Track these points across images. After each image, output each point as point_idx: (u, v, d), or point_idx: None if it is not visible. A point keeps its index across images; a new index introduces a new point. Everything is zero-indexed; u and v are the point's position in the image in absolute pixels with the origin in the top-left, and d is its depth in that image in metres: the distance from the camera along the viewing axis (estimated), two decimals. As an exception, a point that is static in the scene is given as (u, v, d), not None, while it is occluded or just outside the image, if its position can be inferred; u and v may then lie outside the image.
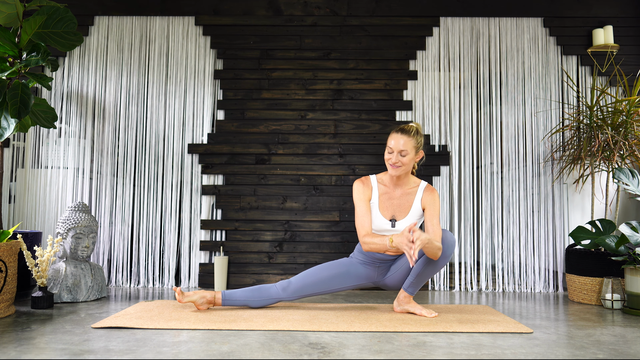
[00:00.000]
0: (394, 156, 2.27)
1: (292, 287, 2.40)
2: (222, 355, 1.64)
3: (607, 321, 2.26)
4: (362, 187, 2.37)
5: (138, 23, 3.37)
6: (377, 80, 3.34)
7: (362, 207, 2.34)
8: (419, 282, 2.32)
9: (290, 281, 2.42)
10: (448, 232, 2.28)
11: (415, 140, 2.28)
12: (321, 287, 2.41)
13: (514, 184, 3.27)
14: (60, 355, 1.60)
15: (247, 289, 2.42)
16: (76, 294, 2.62)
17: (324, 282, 2.41)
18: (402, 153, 2.26)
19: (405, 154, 2.26)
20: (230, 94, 3.34)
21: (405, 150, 2.25)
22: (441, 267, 2.27)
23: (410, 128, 2.30)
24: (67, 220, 2.71)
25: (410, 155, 2.28)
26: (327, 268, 2.43)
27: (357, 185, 2.39)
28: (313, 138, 3.31)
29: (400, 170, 2.29)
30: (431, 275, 2.31)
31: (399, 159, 2.26)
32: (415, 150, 2.29)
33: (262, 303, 2.41)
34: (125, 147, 3.29)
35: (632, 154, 2.85)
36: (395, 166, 2.28)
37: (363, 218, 2.33)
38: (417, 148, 2.31)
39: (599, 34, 3.26)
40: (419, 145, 2.32)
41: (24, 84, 2.36)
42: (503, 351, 1.71)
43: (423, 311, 2.30)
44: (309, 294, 2.42)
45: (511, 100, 3.32)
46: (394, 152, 2.27)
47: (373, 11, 3.39)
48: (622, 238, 2.48)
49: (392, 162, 2.27)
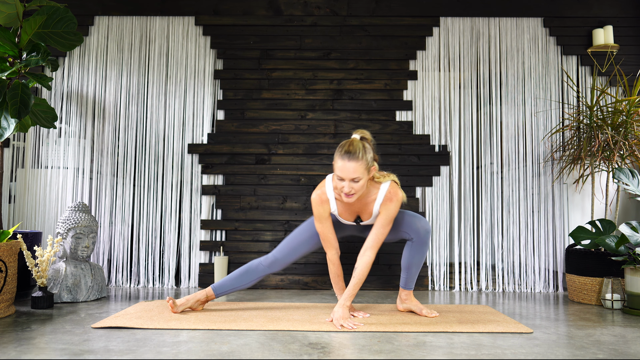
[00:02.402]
0: (347, 185, 2.08)
1: (279, 259, 2.39)
2: (222, 355, 1.64)
3: (607, 321, 2.26)
4: (320, 205, 2.24)
5: (138, 23, 3.37)
6: (377, 80, 3.34)
7: (324, 226, 2.28)
8: (410, 275, 2.37)
9: (275, 255, 2.40)
10: (423, 220, 2.31)
11: (365, 162, 2.08)
12: (306, 247, 2.41)
13: (514, 184, 3.27)
14: (60, 355, 1.60)
15: (234, 275, 2.40)
16: (76, 294, 2.62)
17: (307, 242, 2.40)
18: (355, 180, 2.07)
19: (358, 180, 2.08)
20: (230, 94, 3.34)
21: (357, 177, 2.07)
22: (425, 254, 2.33)
23: (356, 148, 2.07)
24: (67, 220, 2.71)
25: (364, 179, 2.09)
26: (306, 229, 2.42)
27: (316, 204, 2.25)
28: (313, 138, 3.31)
29: (354, 198, 2.13)
30: (420, 264, 2.35)
31: (352, 187, 2.08)
32: (367, 171, 2.11)
33: (253, 283, 2.43)
34: (125, 147, 3.29)
35: (632, 154, 2.85)
36: (349, 195, 2.11)
37: (328, 236, 2.29)
38: (368, 167, 2.11)
39: (599, 34, 3.26)
40: (369, 164, 2.12)
41: (24, 84, 2.36)
42: (503, 351, 1.71)
43: (424, 310, 2.31)
44: (297, 258, 2.43)
45: (511, 100, 3.32)
46: (345, 180, 2.08)
47: (373, 11, 3.39)
48: (622, 238, 2.48)
49: (345, 192, 2.09)
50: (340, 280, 2.37)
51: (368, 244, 2.21)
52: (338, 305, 2.16)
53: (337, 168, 2.09)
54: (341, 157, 2.08)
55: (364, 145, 2.12)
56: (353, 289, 2.18)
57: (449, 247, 3.27)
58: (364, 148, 2.10)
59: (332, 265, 2.34)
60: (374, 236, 2.21)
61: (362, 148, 2.09)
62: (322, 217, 2.27)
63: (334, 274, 2.36)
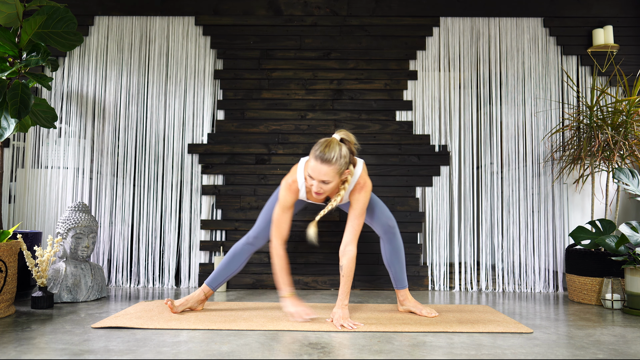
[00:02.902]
0: (316, 185, 2.07)
1: (260, 234, 2.37)
2: (222, 355, 1.64)
3: (607, 321, 2.26)
4: (289, 194, 2.20)
5: (138, 23, 3.37)
6: (377, 80, 3.34)
7: (283, 215, 2.21)
8: (395, 273, 2.37)
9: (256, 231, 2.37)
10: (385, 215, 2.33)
11: (338, 166, 2.04)
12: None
13: (514, 184, 3.27)
14: (60, 355, 1.60)
15: (223, 264, 2.39)
16: (76, 294, 2.62)
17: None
18: (325, 182, 2.06)
19: (328, 182, 2.06)
20: (230, 94, 3.34)
21: (327, 180, 2.05)
22: (398, 248, 2.34)
23: (331, 152, 2.03)
24: (67, 220, 2.70)
25: (334, 182, 2.07)
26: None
27: (285, 192, 2.21)
28: (313, 138, 3.31)
29: (323, 197, 2.13)
30: (399, 259, 2.36)
31: (321, 187, 2.07)
32: (339, 175, 2.07)
33: (243, 265, 2.43)
34: (125, 147, 3.29)
35: (632, 154, 2.85)
36: (318, 194, 2.10)
37: (282, 225, 2.22)
38: (340, 171, 2.07)
39: (599, 34, 3.26)
40: (343, 168, 2.08)
41: (24, 84, 2.36)
42: (503, 351, 1.71)
43: (423, 311, 2.31)
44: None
45: (511, 100, 3.32)
46: (315, 180, 2.06)
47: (373, 11, 3.39)
48: (622, 238, 2.48)
49: (314, 190, 2.08)
50: (285, 275, 2.21)
51: (347, 240, 2.17)
52: (337, 306, 2.16)
53: (310, 166, 2.06)
54: (315, 157, 2.04)
55: (341, 148, 2.06)
56: (346, 286, 2.17)
57: (449, 247, 3.27)
58: (340, 152, 2.05)
59: (277, 258, 2.20)
60: (351, 229, 2.18)
61: (338, 151, 2.04)
62: (287, 206, 2.21)
63: (279, 268, 2.20)
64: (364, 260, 3.21)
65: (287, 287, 2.22)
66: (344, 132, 2.14)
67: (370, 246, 3.22)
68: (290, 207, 2.23)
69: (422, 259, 3.26)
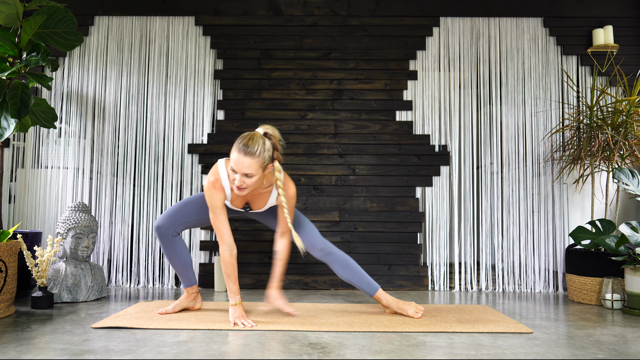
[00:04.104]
0: (238, 179, 2.02)
1: (163, 225, 2.28)
2: (222, 355, 1.64)
3: (607, 321, 2.26)
4: (215, 192, 2.14)
5: (138, 23, 3.37)
6: (377, 80, 3.34)
7: (218, 217, 2.15)
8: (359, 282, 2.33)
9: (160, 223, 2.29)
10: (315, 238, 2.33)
11: (261, 159, 2.01)
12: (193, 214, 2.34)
13: (514, 184, 3.27)
14: (60, 355, 1.60)
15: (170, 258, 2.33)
16: (76, 294, 2.62)
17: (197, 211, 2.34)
18: (248, 175, 2.01)
19: (251, 176, 2.01)
20: (230, 94, 3.34)
21: (250, 173, 2.00)
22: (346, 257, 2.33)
23: (254, 144, 2.00)
24: (67, 220, 2.70)
25: (257, 176, 2.03)
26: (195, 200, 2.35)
27: (210, 192, 2.14)
28: (313, 138, 3.31)
29: (246, 192, 2.07)
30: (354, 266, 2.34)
31: (243, 181, 2.02)
32: (262, 168, 2.04)
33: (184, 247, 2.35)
34: (125, 147, 3.29)
35: (632, 154, 2.85)
36: (240, 189, 2.05)
37: (221, 228, 2.15)
38: (264, 165, 2.04)
39: (599, 34, 3.26)
40: (266, 161, 2.04)
41: (24, 84, 2.36)
42: (503, 351, 1.71)
43: (409, 312, 2.27)
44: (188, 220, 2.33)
45: (511, 100, 3.32)
46: (238, 174, 2.01)
47: (373, 11, 3.39)
48: (622, 238, 2.48)
49: (237, 185, 2.03)
50: (232, 282, 2.14)
51: (282, 229, 2.24)
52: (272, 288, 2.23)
53: (232, 160, 2.02)
54: (238, 150, 2.01)
55: (265, 141, 2.04)
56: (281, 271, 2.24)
57: (449, 247, 3.27)
58: (263, 145, 2.02)
59: (223, 265, 2.14)
60: (284, 223, 2.22)
61: (261, 144, 2.02)
62: (217, 207, 2.14)
63: (226, 275, 2.15)
64: (364, 260, 3.21)
65: (234, 294, 2.15)
66: (268, 127, 2.11)
67: (370, 246, 3.22)
68: (222, 207, 2.15)
69: (422, 259, 3.26)
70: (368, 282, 2.34)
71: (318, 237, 2.33)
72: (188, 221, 2.34)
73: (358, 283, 2.33)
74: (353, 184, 3.28)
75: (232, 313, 2.12)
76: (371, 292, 2.33)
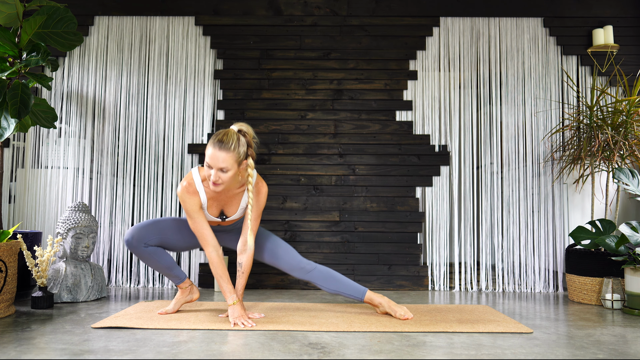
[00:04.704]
0: (214, 174, 2.02)
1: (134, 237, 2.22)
2: (222, 355, 1.64)
3: (607, 321, 2.26)
4: (189, 196, 2.13)
5: (138, 23, 3.37)
6: (377, 80, 3.34)
7: (196, 221, 2.14)
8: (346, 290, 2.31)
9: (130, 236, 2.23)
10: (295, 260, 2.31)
11: (236, 154, 2.02)
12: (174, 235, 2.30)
13: (514, 184, 3.27)
14: (60, 355, 1.60)
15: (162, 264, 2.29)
16: (76, 294, 2.62)
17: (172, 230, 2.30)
18: (223, 170, 2.02)
19: (226, 170, 2.02)
20: (230, 94, 3.34)
21: (225, 167, 2.01)
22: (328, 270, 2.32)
23: (229, 139, 2.02)
24: (67, 220, 2.70)
25: (232, 171, 2.03)
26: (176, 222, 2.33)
27: (185, 197, 2.14)
28: (313, 138, 3.31)
29: (221, 187, 2.06)
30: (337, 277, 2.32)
31: (219, 176, 2.03)
32: (237, 164, 2.05)
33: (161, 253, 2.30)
34: (125, 147, 3.29)
35: (632, 154, 2.85)
36: (216, 184, 2.05)
37: (202, 231, 2.15)
38: (239, 161, 2.05)
39: (599, 34, 3.26)
40: (241, 157, 2.06)
41: (24, 84, 2.36)
42: (503, 351, 1.71)
43: (398, 313, 2.24)
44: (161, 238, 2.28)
45: (511, 100, 3.32)
46: (214, 169, 2.02)
47: (373, 11, 3.39)
48: (622, 238, 2.48)
49: (213, 180, 2.03)
50: (224, 282, 2.15)
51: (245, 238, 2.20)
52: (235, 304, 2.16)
53: (208, 155, 2.03)
54: (213, 145, 2.02)
55: (239, 137, 2.06)
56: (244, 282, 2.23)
57: (449, 247, 3.27)
58: (238, 140, 2.05)
59: (212, 266, 2.15)
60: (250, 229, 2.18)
61: (236, 140, 2.04)
62: (194, 211, 2.14)
63: (217, 275, 2.15)
64: (364, 260, 3.21)
65: (230, 294, 2.14)
66: (243, 124, 2.13)
67: (370, 246, 3.22)
68: (198, 211, 2.15)
69: (422, 259, 3.26)
70: (354, 288, 2.32)
71: (296, 257, 2.31)
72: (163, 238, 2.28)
73: (345, 291, 2.31)
74: (353, 184, 3.28)
75: (232, 313, 2.11)
76: (360, 296, 2.31)
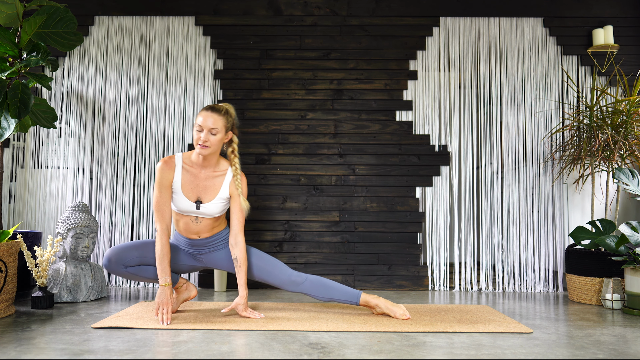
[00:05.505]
0: (204, 134, 2.15)
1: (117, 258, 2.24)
2: (222, 355, 1.64)
3: (607, 321, 2.26)
4: (164, 169, 2.20)
5: (138, 23, 3.37)
6: (377, 80, 3.34)
7: (162, 196, 2.18)
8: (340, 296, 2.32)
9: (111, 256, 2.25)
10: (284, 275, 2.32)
11: (225, 119, 2.20)
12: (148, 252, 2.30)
13: (514, 184, 3.27)
14: (60, 355, 1.60)
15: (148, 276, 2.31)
16: (76, 294, 2.62)
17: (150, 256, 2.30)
18: (213, 131, 2.16)
19: (215, 132, 2.16)
20: (230, 94, 3.34)
21: (215, 128, 2.16)
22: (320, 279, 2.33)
23: (220, 107, 2.21)
24: (67, 220, 2.70)
25: (220, 135, 2.18)
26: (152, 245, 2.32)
27: (160, 167, 2.20)
28: (313, 138, 3.31)
29: (208, 150, 2.17)
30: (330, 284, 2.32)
31: (208, 138, 2.15)
32: (225, 130, 2.20)
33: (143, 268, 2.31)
34: (125, 147, 3.29)
35: (632, 154, 2.85)
36: (204, 146, 2.15)
37: (162, 207, 2.18)
38: (227, 127, 2.22)
39: (599, 34, 3.26)
40: (229, 125, 2.24)
41: (24, 84, 2.36)
42: (503, 351, 1.71)
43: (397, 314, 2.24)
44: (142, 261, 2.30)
45: (511, 100, 3.32)
46: (204, 130, 2.15)
47: (373, 11, 3.39)
48: (622, 238, 2.48)
49: (202, 141, 2.15)
50: (166, 263, 2.15)
51: (235, 230, 2.25)
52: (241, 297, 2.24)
53: (198, 118, 2.18)
54: (205, 110, 2.20)
55: (228, 110, 2.25)
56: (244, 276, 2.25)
57: (449, 247, 3.27)
58: (227, 110, 2.24)
59: (159, 245, 2.15)
60: (236, 221, 2.26)
61: (225, 109, 2.23)
62: (163, 185, 2.19)
63: (160, 255, 2.14)
64: (364, 260, 3.21)
65: (166, 275, 2.15)
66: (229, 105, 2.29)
67: (370, 246, 3.22)
68: (167, 187, 2.20)
69: (422, 259, 3.26)
70: (348, 292, 2.32)
71: (286, 272, 2.32)
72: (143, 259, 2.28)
73: (340, 297, 2.32)
74: (353, 184, 3.28)
75: (159, 294, 2.12)
76: (355, 300, 2.31)
